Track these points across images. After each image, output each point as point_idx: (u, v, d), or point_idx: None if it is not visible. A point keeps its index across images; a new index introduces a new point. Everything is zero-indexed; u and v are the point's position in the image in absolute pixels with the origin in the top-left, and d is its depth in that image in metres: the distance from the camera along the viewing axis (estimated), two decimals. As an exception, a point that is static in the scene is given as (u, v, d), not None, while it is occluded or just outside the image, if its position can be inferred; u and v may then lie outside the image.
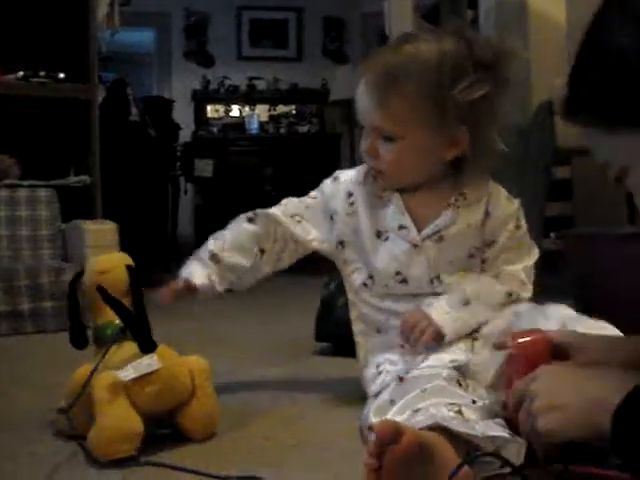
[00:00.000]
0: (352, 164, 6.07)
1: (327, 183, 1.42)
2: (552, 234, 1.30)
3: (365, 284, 1.35)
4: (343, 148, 6.62)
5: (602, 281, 2.03)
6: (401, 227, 1.29)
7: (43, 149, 3.17)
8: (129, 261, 1.25)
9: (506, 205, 1.32)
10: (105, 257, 1.27)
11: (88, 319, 1.25)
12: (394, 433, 0.85)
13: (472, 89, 1.19)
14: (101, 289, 1.17)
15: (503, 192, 1.33)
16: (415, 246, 1.28)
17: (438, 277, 1.29)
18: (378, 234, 1.32)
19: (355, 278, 1.37)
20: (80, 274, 1.25)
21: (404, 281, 1.29)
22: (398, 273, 1.29)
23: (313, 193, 1.44)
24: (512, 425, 0.96)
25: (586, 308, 1.21)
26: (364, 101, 1.26)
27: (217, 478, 1.00)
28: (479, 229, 1.29)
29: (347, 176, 1.39)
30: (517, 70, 1.28)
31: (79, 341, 1.23)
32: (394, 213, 1.31)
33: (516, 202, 1.34)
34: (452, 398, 1.04)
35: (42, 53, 3.17)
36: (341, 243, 1.38)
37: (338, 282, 1.81)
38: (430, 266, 1.28)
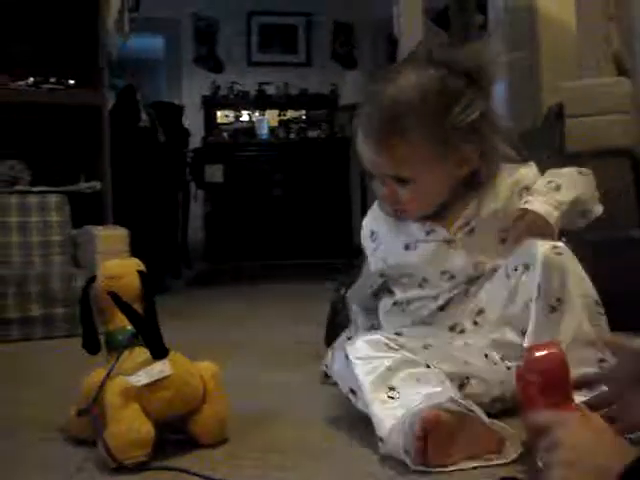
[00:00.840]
0: (362, 168, 6.12)
1: (361, 235, 1.46)
2: (562, 238, 1.31)
3: (420, 285, 1.36)
4: (353, 153, 6.62)
5: (606, 284, 2.02)
6: (429, 232, 1.32)
7: (53, 155, 3.19)
8: (141, 267, 1.25)
9: (529, 169, 1.35)
10: (117, 262, 1.27)
11: (99, 324, 1.25)
12: (436, 417, 0.98)
13: (466, 112, 1.23)
14: (113, 294, 1.17)
15: (513, 166, 1.35)
16: (448, 242, 1.31)
17: (478, 262, 1.31)
18: (407, 247, 1.35)
19: (403, 292, 1.38)
20: (93, 279, 1.25)
21: (452, 277, 1.31)
22: (444, 272, 1.32)
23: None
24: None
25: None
26: (368, 153, 1.29)
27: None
28: (505, 211, 1.31)
29: (367, 219, 1.45)
30: (527, 74, 1.29)
31: (92, 346, 1.23)
32: (417, 225, 1.34)
33: (532, 164, 1.37)
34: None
35: (52, 60, 3.19)
36: (382, 275, 1.42)
37: (348, 288, 1.81)
38: (468, 254, 1.31)
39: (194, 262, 5.79)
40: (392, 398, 1.10)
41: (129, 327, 1.18)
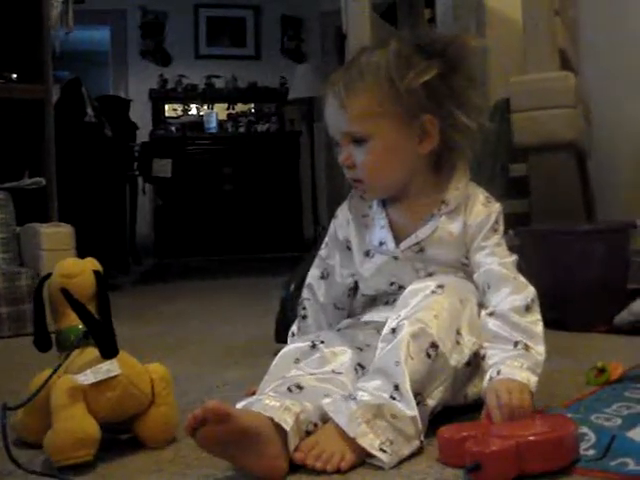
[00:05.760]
0: (311, 162, 6.11)
1: (331, 224, 1.43)
2: (510, 231, 1.30)
3: (363, 294, 1.40)
4: (302, 146, 6.62)
5: (557, 277, 2.06)
6: (381, 243, 1.32)
7: (-4, 151, 3.11)
8: (97, 266, 1.24)
9: (481, 211, 1.28)
10: (73, 261, 1.25)
11: (52, 322, 1.23)
12: (220, 415, 0.95)
13: (421, 74, 1.21)
14: (66, 293, 1.15)
15: (481, 197, 1.30)
16: (396, 258, 1.31)
17: (431, 273, 1.29)
18: (367, 253, 1.35)
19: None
20: (47, 276, 1.24)
21: (402, 287, 1.29)
22: (392, 283, 1.33)
23: (324, 242, 1.45)
24: None
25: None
26: (330, 111, 1.28)
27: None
28: (463, 240, 1.28)
29: (341, 209, 1.42)
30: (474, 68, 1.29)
31: (42, 343, 1.21)
32: (378, 229, 1.33)
33: (495, 205, 1.30)
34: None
35: (-7, 53, 3.11)
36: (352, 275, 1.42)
37: (297, 283, 1.81)
38: (417, 269, 1.30)
39: (143, 258, 5.73)
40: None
41: (81, 326, 1.17)
